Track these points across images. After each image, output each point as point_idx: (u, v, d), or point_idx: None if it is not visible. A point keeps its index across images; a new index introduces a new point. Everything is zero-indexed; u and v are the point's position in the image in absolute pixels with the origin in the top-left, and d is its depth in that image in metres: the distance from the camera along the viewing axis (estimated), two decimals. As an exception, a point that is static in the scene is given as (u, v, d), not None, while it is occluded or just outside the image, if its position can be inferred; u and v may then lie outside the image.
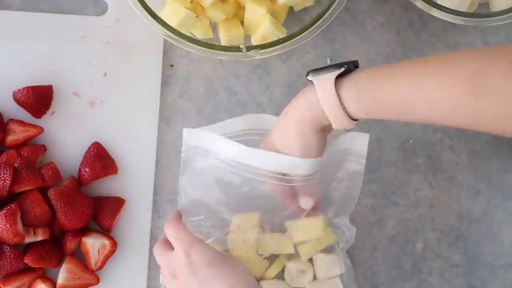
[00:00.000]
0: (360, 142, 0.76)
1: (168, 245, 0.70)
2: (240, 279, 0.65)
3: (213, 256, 0.66)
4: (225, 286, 0.64)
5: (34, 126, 0.80)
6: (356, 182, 0.77)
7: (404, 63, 0.63)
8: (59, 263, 0.77)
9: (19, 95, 0.79)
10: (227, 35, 0.80)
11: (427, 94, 0.59)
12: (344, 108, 0.64)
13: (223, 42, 0.81)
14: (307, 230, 0.76)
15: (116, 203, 0.80)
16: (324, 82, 0.64)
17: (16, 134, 0.79)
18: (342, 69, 0.64)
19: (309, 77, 0.66)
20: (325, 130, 0.68)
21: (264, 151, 0.70)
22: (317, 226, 0.76)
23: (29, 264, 0.75)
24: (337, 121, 0.65)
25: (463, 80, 0.57)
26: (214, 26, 0.82)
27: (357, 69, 0.66)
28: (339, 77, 0.65)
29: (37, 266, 0.75)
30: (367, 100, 0.63)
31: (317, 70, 0.67)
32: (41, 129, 0.80)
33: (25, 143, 0.79)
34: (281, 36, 0.78)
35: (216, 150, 0.73)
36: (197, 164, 0.75)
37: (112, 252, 0.78)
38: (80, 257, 0.78)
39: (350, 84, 0.64)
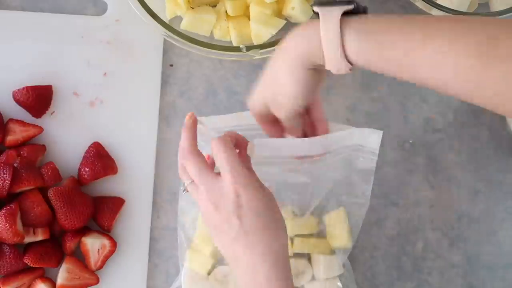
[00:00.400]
0: (372, 140, 0.73)
1: (207, 164, 0.65)
2: (277, 239, 0.62)
3: (264, 207, 0.62)
4: (263, 242, 0.61)
5: (34, 126, 0.80)
6: (365, 191, 0.77)
7: (416, 17, 0.59)
8: (58, 263, 0.77)
9: (19, 95, 0.79)
10: (239, 35, 0.81)
11: (433, 52, 0.55)
12: (343, 47, 0.59)
13: (235, 43, 0.81)
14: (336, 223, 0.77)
15: (116, 203, 0.80)
16: (330, 14, 0.59)
17: (16, 134, 0.79)
18: (351, 6, 0.59)
19: (315, 8, 0.61)
20: (317, 71, 0.64)
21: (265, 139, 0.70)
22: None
23: (28, 264, 0.75)
24: (332, 60, 0.60)
25: (474, 43, 0.53)
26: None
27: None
28: (345, 15, 0.59)
29: (37, 266, 0.75)
30: (370, 43, 0.58)
31: (324, 3, 0.61)
32: (41, 129, 0.80)
33: (25, 143, 0.79)
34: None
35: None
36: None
37: (111, 252, 0.78)
38: (80, 257, 0.78)
39: (356, 23, 0.59)
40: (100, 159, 0.79)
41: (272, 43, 0.78)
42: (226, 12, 0.81)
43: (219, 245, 0.65)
